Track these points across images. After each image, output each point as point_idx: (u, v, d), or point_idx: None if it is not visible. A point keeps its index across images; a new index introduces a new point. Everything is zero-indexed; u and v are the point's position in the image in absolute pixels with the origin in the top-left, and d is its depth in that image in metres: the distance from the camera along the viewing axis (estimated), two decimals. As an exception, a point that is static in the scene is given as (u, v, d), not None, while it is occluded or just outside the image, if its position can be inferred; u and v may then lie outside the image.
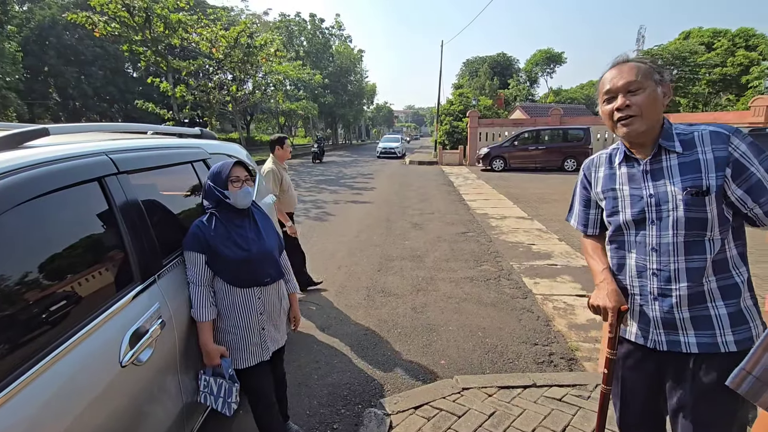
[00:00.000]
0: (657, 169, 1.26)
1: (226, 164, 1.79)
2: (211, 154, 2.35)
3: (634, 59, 1.25)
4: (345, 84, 39.68)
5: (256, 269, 1.75)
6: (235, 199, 1.75)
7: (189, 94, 16.16)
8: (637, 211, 1.29)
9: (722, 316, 1.20)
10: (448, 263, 5.25)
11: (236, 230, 1.75)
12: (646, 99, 1.21)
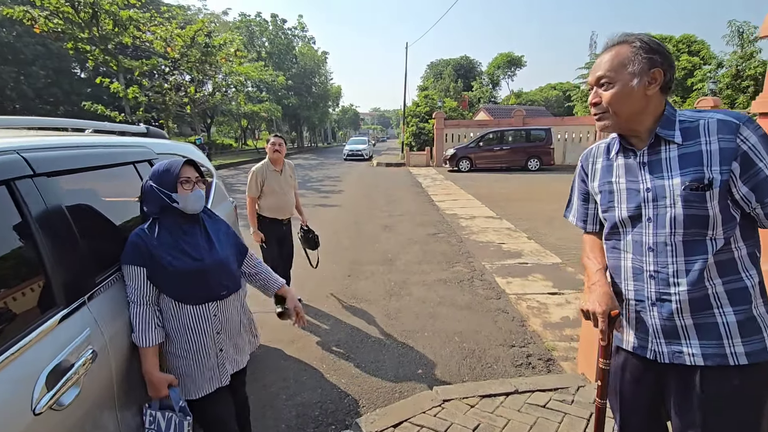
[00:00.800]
0: (655, 160, 1.14)
1: (174, 163, 1.55)
2: (159, 154, 2.09)
3: (622, 40, 1.12)
4: (309, 86, 39.15)
5: (209, 281, 1.52)
6: (185, 203, 1.51)
7: (142, 95, 15.30)
8: (633, 206, 1.18)
9: (730, 323, 1.08)
10: (420, 266, 5.13)
11: (185, 238, 1.52)
12: (614, 96, 1.11)
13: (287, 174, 3.64)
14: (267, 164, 3.54)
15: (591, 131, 17.33)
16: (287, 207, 3.66)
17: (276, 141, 3.53)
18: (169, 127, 17.42)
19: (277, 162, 3.56)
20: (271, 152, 3.52)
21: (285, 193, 3.61)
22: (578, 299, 4.12)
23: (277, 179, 3.53)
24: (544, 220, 7.66)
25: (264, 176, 3.49)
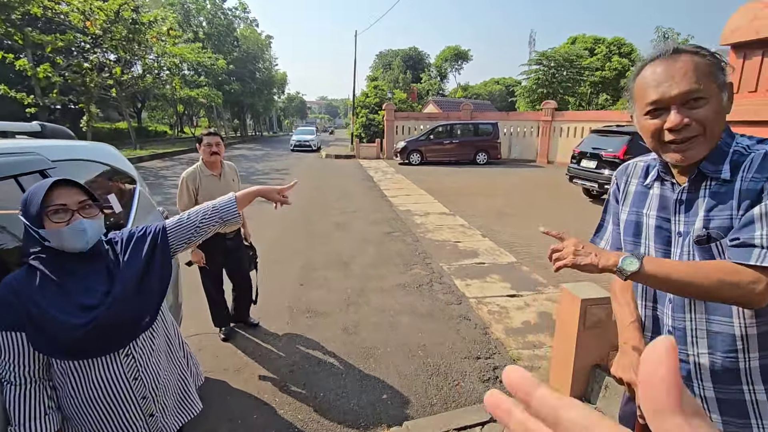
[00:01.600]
0: (692, 199, 0.95)
1: (37, 188, 1.12)
2: (57, 161, 1.62)
3: (687, 49, 0.90)
4: (253, 71, 37.16)
5: (109, 333, 1.13)
6: (59, 241, 1.10)
7: (57, 75, 13.49)
8: (661, 247, 0.99)
9: (760, 402, 0.92)
10: (377, 269, 4.89)
11: (71, 283, 1.12)
12: (711, 113, 0.87)
13: (228, 178, 3.05)
14: (201, 168, 2.93)
15: (534, 126, 18.02)
16: None
17: (212, 140, 2.87)
18: (90, 112, 15.61)
19: (214, 165, 2.97)
20: (207, 154, 2.88)
21: None
22: (536, 301, 4.11)
23: (215, 185, 2.91)
24: (496, 215, 7.74)
25: (198, 183, 2.89)
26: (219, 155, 2.94)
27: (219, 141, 2.93)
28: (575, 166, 8.96)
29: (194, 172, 2.93)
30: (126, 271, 1.20)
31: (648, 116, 0.94)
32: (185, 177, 2.89)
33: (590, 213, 8.02)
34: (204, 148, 2.89)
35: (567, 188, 10.74)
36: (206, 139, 2.89)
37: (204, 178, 2.93)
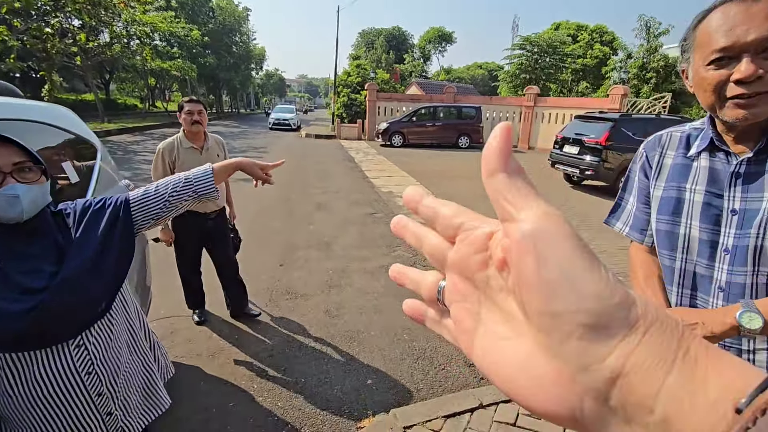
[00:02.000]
0: (755, 173, 0.83)
1: None
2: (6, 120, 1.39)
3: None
4: (229, 45, 35.67)
5: (60, 319, 0.96)
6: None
7: (13, 38, 12.48)
8: (708, 227, 0.88)
9: None
10: (360, 250, 4.76)
11: (15, 262, 0.94)
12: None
13: (212, 153, 2.73)
14: (180, 139, 2.63)
15: (516, 111, 18.03)
16: None
17: (193, 108, 2.58)
18: (52, 81, 14.63)
19: (195, 137, 2.66)
20: (188, 123, 2.58)
21: None
22: (520, 285, 4.09)
23: (195, 160, 2.56)
24: (479, 198, 7.69)
25: (175, 155, 2.59)
26: (201, 125, 2.63)
27: (201, 109, 2.63)
28: (557, 151, 8.99)
29: (172, 143, 2.61)
30: (78, 249, 1.01)
31: (712, 66, 0.80)
32: (161, 148, 2.59)
33: (572, 199, 8.09)
34: (184, 117, 2.59)
35: (548, 174, 10.81)
36: (187, 106, 2.58)
37: (183, 150, 2.61)
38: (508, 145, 0.22)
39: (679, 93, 17.42)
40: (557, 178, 10.14)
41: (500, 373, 0.23)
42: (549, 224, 0.21)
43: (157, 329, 2.85)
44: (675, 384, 0.17)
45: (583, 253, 0.20)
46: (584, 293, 0.19)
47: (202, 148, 2.69)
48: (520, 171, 0.23)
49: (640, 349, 0.18)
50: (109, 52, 17.92)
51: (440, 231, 0.27)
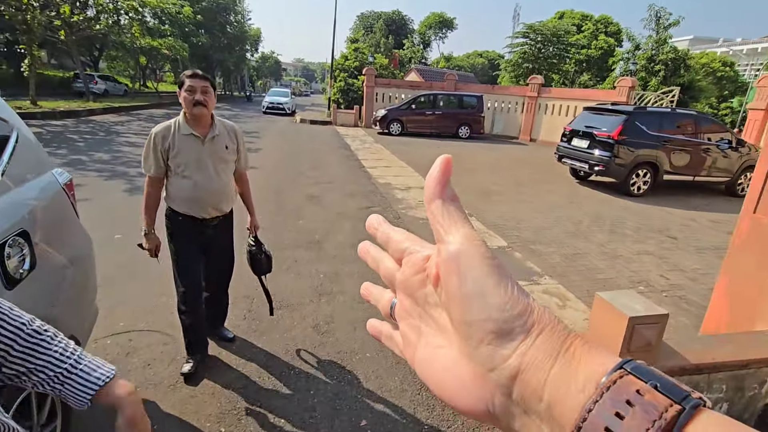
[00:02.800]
0: None
1: None
2: None
3: None
4: (223, 24, 34.51)
5: None
6: None
7: (-11, 7, 11.67)
8: None
9: None
10: (354, 250, 4.18)
11: None
12: None
13: (220, 144, 2.14)
14: (179, 124, 2.06)
15: (519, 102, 17.49)
16: (214, 198, 2.16)
17: (196, 84, 1.99)
18: (33, 55, 13.82)
19: (200, 120, 2.06)
20: (189, 104, 1.99)
21: (211, 176, 2.12)
22: (531, 293, 3.66)
23: (196, 151, 2.07)
24: (480, 193, 7.25)
25: (169, 143, 2.03)
26: (206, 107, 2.03)
27: (207, 86, 2.02)
28: (565, 144, 8.53)
29: (168, 127, 2.05)
30: None
31: None
32: (154, 133, 2.03)
33: (579, 195, 7.67)
34: (185, 95, 1.99)
35: (553, 167, 10.37)
36: (188, 81, 1.98)
37: (180, 137, 2.04)
38: (447, 176, 0.27)
39: (687, 87, 16.97)
40: (562, 172, 9.72)
41: (433, 377, 0.27)
42: (470, 246, 0.25)
43: (111, 348, 2.38)
44: (556, 374, 0.21)
45: (495, 270, 0.24)
46: (492, 305, 0.23)
47: (205, 137, 2.08)
48: (455, 198, 0.27)
49: (533, 349, 0.22)
50: (96, 26, 17.05)
51: (392, 254, 0.32)
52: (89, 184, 5.88)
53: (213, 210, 2.18)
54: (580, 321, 3.25)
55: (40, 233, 1.42)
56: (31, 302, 1.31)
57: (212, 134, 2.11)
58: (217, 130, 2.13)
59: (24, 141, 1.49)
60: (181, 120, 2.07)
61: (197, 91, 1.99)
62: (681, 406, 0.19)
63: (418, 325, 0.29)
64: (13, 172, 1.36)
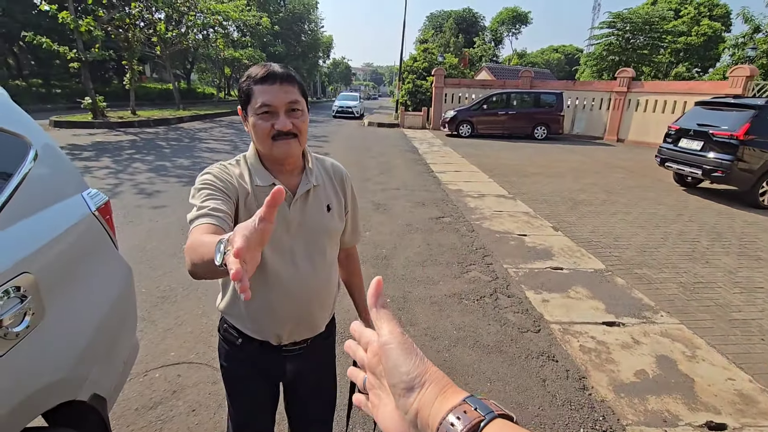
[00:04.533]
0: None
1: None
2: None
3: None
4: (298, 33, 36.03)
5: None
6: None
7: (98, 29, 13.05)
8: None
9: None
10: (425, 269, 3.86)
11: None
12: None
13: (319, 201, 1.15)
14: (249, 166, 1.10)
15: (605, 98, 15.79)
16: (302, 306, 1.15)
17: (278, 97, 0.98)
18: (133, 70, 15.27)
19: (286, 161, 1.07)
20: (266, 135, 1.00)
21: (300, 266, 1.11)
22: (647, 336, 2.93)
23: (278, 217, 0.98)
24: (567, 202, 6.40)
25: (239, 197, 1.06)
26: (299, 140, 1.04)
27: (296, 99, 1.01)
28: (670, 146, 7.30)
29: (228, 169, 1.09)
30: None
31: None
32: (213, 174, 1.05)
33: (690, 206, 6.48)
34: (257, 123, 1.00)
35: (649, 172, 9.04)
36: (261, 94, 0.98)
37: (253, 193, 1.07)
38: (379, 293, 0.41)
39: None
40: (661, 177, 8.39)
41: (385, 424, 0.40)
42: (392, 337, 0.38)
43: (158, 383, 2.18)
44: (435, 408, 0.34)
45: (406, 348, 0.37)
46: (402, 372, 0.36)
47: (295, 192, 1.09)
48: (385, 306, 0.41)
49: (425, 396, 0.35)
50: (185, 41, 18.50)
51: (363, 346, 0.44)
52: (169, 190, 6.10)
53: (299, 328, 1.18)
54: (722, 381, 2.48)
55: (55, 273, 1.16)
56: (30, 369, 1.04)
57: (306, 185, 1.10)
58: (315, 178, 1.13)
59: (45, 161, 1.26)
60: (252, 160, 1.09)
61: (279, 111, 0.99)
62: (485, 417, 0.32)
63: (379, 393, 0.41)
64: (20, 200, 1.12)
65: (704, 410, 2.25)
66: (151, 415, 1.91)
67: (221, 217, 0.92)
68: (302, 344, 1.21)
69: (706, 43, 21.79)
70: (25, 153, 1.22)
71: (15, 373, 1.01)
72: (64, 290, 1.21)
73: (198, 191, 1.00)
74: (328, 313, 1.25)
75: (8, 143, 1.20)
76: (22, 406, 1.03)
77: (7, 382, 0.99)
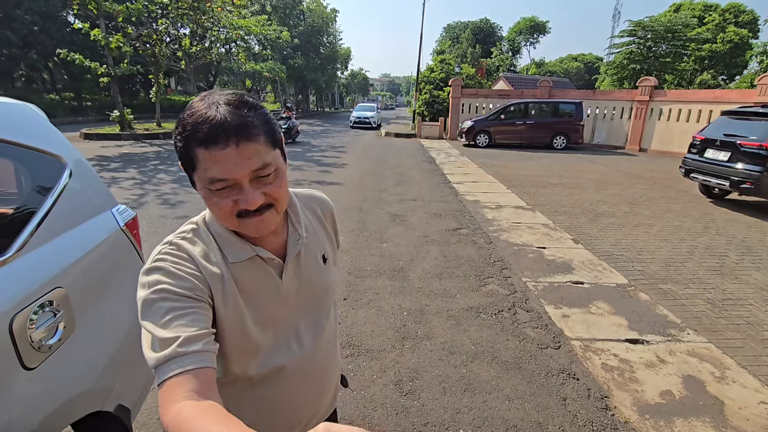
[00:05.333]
0: None
1: None
2: None
3: None
4: (317, 45, 36.71)
5: None
6: None
7: (127, 45, 13.61)
8: None
9: None
10: (442, 281, 3.83)
11: None
12: None
13: (312, 257, 0.88)
14: (222, 234, 0.76)
15: (627, 107, 15.52)
16: (318, 388, 0.93)
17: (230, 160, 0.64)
18: (159, 84, 15.81)
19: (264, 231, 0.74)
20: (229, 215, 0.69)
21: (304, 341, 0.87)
22: (673, 355, 2.83)
23: (271, 294, 0.80)
24: (587, 214, 6.28)
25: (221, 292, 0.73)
26: (275, 206, 0.73)
27: (263, 159, 0.67)
28: (696, 157, 7.10)
29: (187, 254, 0.73)
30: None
31: None
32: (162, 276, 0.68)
33: (717, 218, 6.27)
34: (212, 198, 0.69)
35: (673, 183, 8.80)
36: (210, 161, 0.64)
37: (234, 272, 0.76)
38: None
39: None
40: (686, 188, 8.15)
41: None
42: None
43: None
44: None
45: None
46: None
47: (285, 256, 0.83)
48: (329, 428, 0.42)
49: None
50: (208, 56, 19.09)
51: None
52: (191, 200, 6.26)
53: (316, 418, 0.96)
54: (754, 405, 2.37)
55: (85, 288, 1.21)
56: (61, 381, 1.09)
57: (296, 246, 0.84)
58: (304, 227, 0.88)
59: (78, 179, 1.32)
60: (217, 228, 0.78)
61: (243, 183, 0.67)
62: None
63: None
64: (56, 218, 1.17)
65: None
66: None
67: (201, 351, 0.63)
68: None
69: (733, 50, 21.22)
70: (61, 171, 1.28)
71: (48, 384, 1.06)
72: (93, 303, 1.26)
73: (150, 307, 0.66)
74: (335, 386, 1.02)
75: (46, 163, 1.26)
76: (54, 416, 1.07)
77: (40, 393, 1.04)
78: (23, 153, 1.20)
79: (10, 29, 21.34)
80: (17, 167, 1.22)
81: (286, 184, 0.74)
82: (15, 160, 1.20)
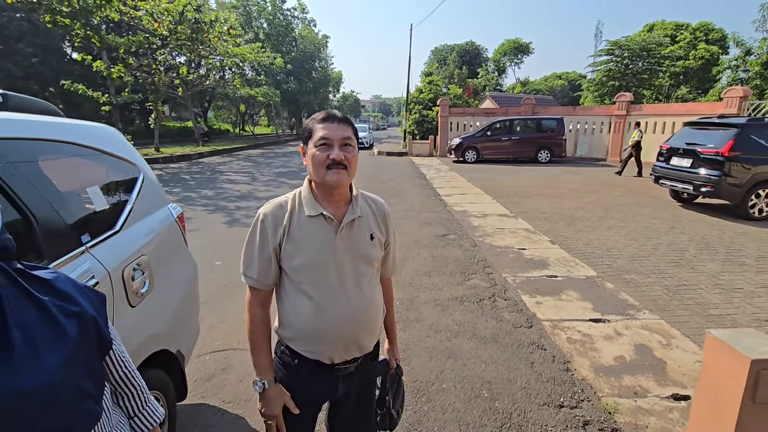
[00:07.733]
0: None
1: None
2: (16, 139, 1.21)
3: None
4: (309, 70, 37.84)
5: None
6: None
7: (129, 75, 14.26)
8: None
9: None
10: (431, 277, 4.29)
11: None
12: None
13: (363, 230, 1.27)
14: (301, 199, 1.25)
15: (605, 122, 16.35)
16: (351, 328, 1.25)
17: (335, 133, 1.19)
18: (158, 111, 16.43)
19: (333, 194, 1.24)
20: (321, 164, 1.18)
21: (349, 290, 1.23)
22: (629, 329, 3.30)
23: (327, 243, 1.21)
24: (565, 219, 6.81)
25: (285, 231, 1.21)
26: (348, 171, 1.20)
27: (350, 137, 1.21)
28: (663, 164, 7.73)
29: (281, 205, 1.24)
30: (50, 342, 0.66)
31: None
32: (263, 214, 1.23)
33: (684, 219, 6.83)
34: (315, 153, 1.19)
35: (647, 190, 9.41)
36: (322, 129, 1.19)
37: (303, 223, 1.21)
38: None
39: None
40: (659, 194, 8.75)
41: None
42: None
43: (210, 363, 2.65)
44: None
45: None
46: None
47: (341, 221, 1.22)
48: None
49: None
50: (205, 82, 19.83)
51: None
52: (197, 217, 6.71)
53: (349, 347, 1.26)
54: (691, 363, 2.84)
55: (157, 258, 1.67)
56: (148, 320, 1.54)
57: (351, 215, 1.22)
58: (360, 209, 1.25)
59: (148, 181, 1.81)
60: (305, 193, 1.23)
61: (335, 144, 1.17)
62: None
63: None
64: (139, 207, 1.65)
65: (672, 385, 2.60)
66: (208, 384, 2.39)
67: (269, 284, 1.24)
68: (353, 362, 1.27)
69: (705, 66, 22.47)
70: (138, 175, 1.76)
71: (141, 320, 1.51)
72: (162, 270, 1.72)
73: (251, 236, 1.24)
74: (375, 334, 1.31)
75: (127, 169, 1.74)
76: (144, 345, 1.52)
77: (137, 325, 1.49)
78: (112, 160, 1.68)
79: (13, 62, 22.00)
80: (108, 170, 1.70)
81: (356, 161, 1.23)
82: (107, 165, 1.68)
